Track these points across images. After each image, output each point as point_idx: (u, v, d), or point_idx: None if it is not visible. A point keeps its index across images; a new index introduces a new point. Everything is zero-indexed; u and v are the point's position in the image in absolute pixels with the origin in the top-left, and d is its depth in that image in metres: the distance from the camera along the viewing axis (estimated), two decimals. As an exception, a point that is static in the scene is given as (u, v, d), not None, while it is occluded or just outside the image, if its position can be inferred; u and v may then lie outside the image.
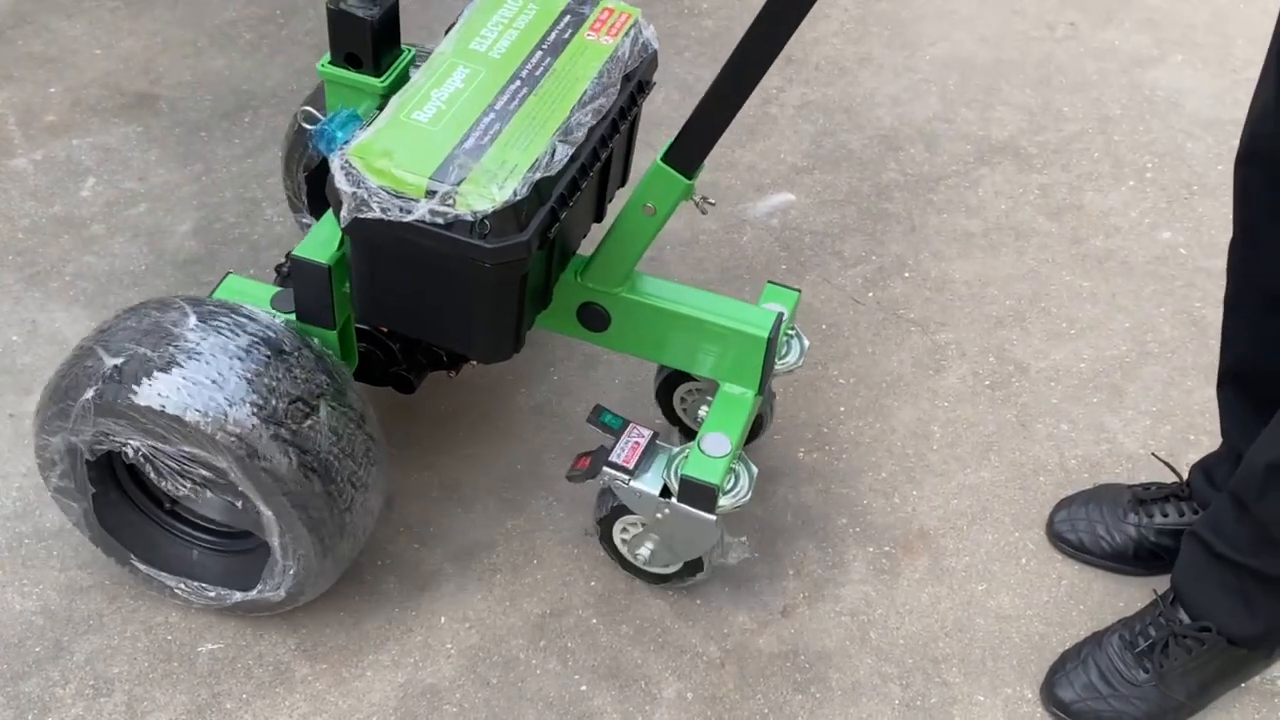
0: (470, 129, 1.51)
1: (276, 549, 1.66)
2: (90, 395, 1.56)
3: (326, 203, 2.07)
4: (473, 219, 1.43)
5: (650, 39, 1.68)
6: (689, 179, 1.60)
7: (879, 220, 2.52)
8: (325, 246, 1.63)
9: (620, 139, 1.66)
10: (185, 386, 1.53)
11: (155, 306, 1.64)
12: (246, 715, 1.76)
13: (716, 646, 1.87)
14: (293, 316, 1.70)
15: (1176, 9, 3.08)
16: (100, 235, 2.37)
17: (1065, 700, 1.77)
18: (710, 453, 1.71)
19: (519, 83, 1.58)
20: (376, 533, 1.96)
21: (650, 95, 1.72)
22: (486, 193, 1.43)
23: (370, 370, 1.90)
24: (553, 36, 1.64)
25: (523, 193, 1.44)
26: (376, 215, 1.44)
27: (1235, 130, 2.73)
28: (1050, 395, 2.22)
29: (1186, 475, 1.95)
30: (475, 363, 1.92)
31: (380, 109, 1.57)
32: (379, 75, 1.60)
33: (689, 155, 1.58)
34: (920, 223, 2.52)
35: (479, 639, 1.86)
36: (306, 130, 1.59)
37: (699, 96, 1.55)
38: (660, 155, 1.60)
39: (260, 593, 1.74)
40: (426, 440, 2.10)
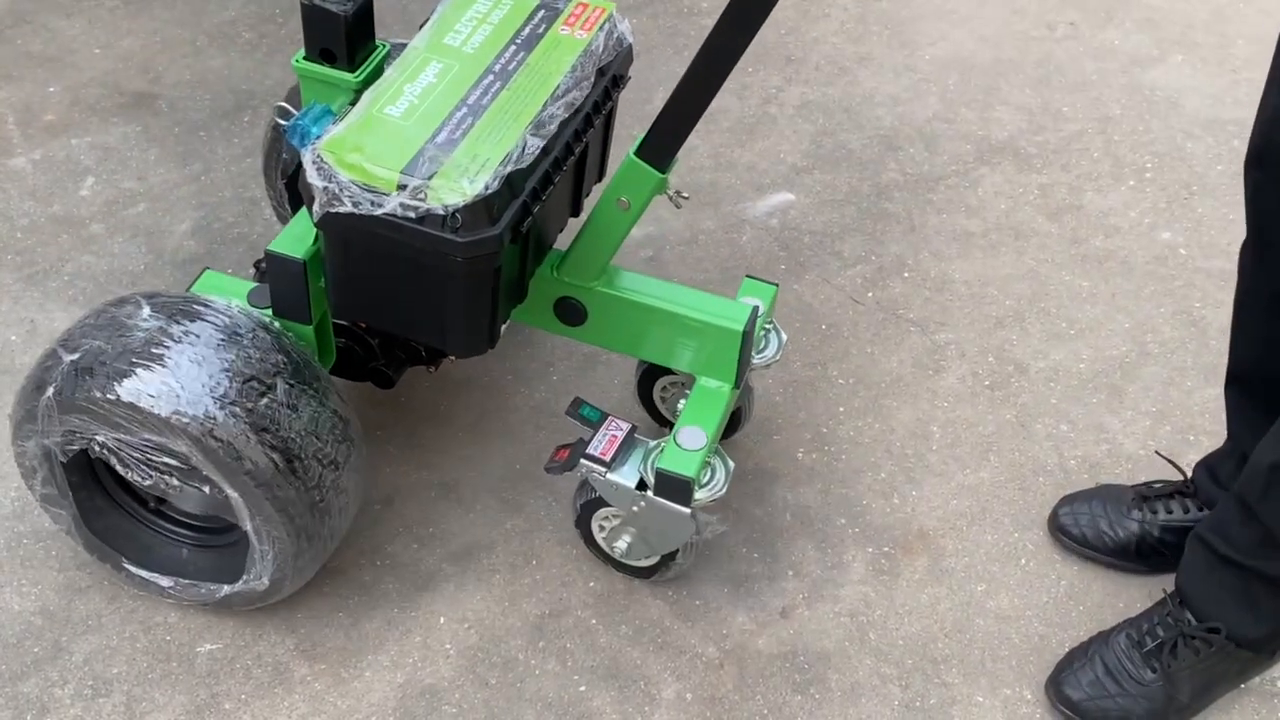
0: (442, 123, 1.51)
1: (252, 534, 1.67)
2: (51, 393, 1.58)
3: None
4: (444, 213, 1.43)
5: (625, 33, 1.68)
6: (662, 173, 1.60)
7: (878, 220, 2.52)
8: (300, 241, 1.63)
9: (595, 133, 1.66)
10: (139, 374, 1.55)
11: (113, 303, 1.66)
12: (245, 716, 1.76)
13: (716, 647, 1.87)
14: (269, 312, 1.70)
15: (1176, 9, 3.08)
16: (99, 235, 2.37)
17: (1073, 699, 1.77)
18: (686, 446, 1.71)
19: (492, 77, 1.58)
20: (374, 533, 1.97)
21: (650, 95, 1.73)
22: (457, 187, 1.44)
23: (349, 366, 1.90)
24: (526, 31, 1.64)
25: (494, 186, 1.45)
26: (348, 209, 1.45)
27: (1235, 130, 2.75)
28: (1050, 395, 2.22)
29: (1190, 474, 1.95)
30: (454, 358, 1.93)
31: (354, 104, 1.57)
32: (353, 70, 1.60)
33: (661, 149, 1.59)
34: (920, 223, 2.52)
35: (478, 639, 1.86)
36: (281, 131, 1.60)
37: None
38: (633, 150, 1.60)
39: (246, 583, 1.75)
40: (425, 440, 2.10)
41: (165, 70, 2.72)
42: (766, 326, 1.90)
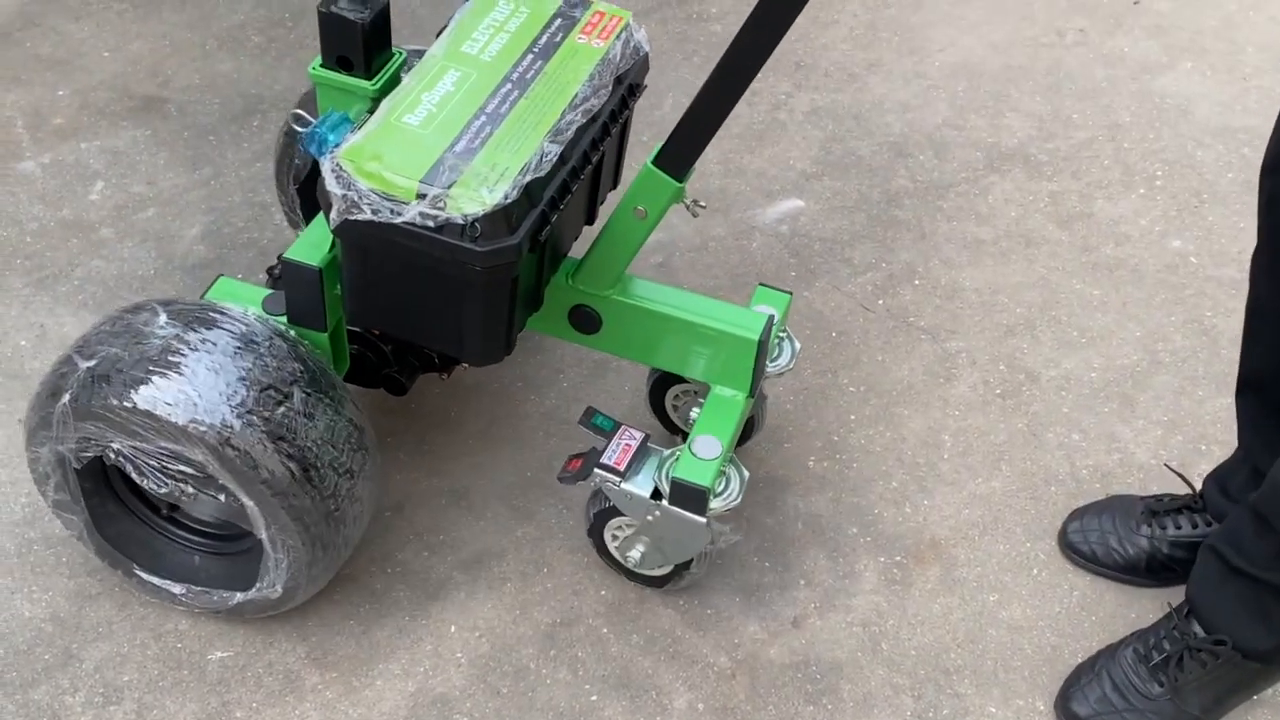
0: (461, 132, 1.51)
1: (266, 542, 1.66)
2: (66, 400, 1.58)
3: (319, 209, 2.08)
4: (463, 222, 1.43)
5: (641, 42, 1.68)
6: (680, 182, 1.60)
7: (889, 227, 2.51)
8: (317, 249, 1.63)
9: (611, 142, 1.66)
10: (156, 381, 1.54)
11: (129, 309, 1.65)
12: (256, 724, 1.76)
13: (727, 657, 1.86)
14: (284, 318, 1.70)
15: (1185, 16, 3.08)
16: (109, 239, 2.37)
17: (1081, 715, 1.76)
18: (701, 455, 1.71)
19: (510, 86, 1.58)
20: (385, 541, 1.96)
21: (659, 101, 1.72)
22: (477, 196, 1.43)
23: (362, 372, 1.90)
24: (544, 39, 1.64)
25: (513, 195, 1.44)
26: (367, 217, 1.44)
27: (1245, 138, 2.75)
28: (1061, 404, 2.21)
29: (1199, 486, 1.95)
30: (467, 365, 1.92)
31: (371, 112, 1.57)
32: (370, 78, 1.60)
33: (679, 158, 1.58)
34: (930, 230, 2.51)
35: (489, 648, 1.86)
36: (294, 137, 1.59)
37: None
38: (650, 158, 1.60)
39: (259, 590, 1.74)
40: (435, 447, 2.09)
41: (174, 74, 2.71)
42: (780, 334, 1.90)
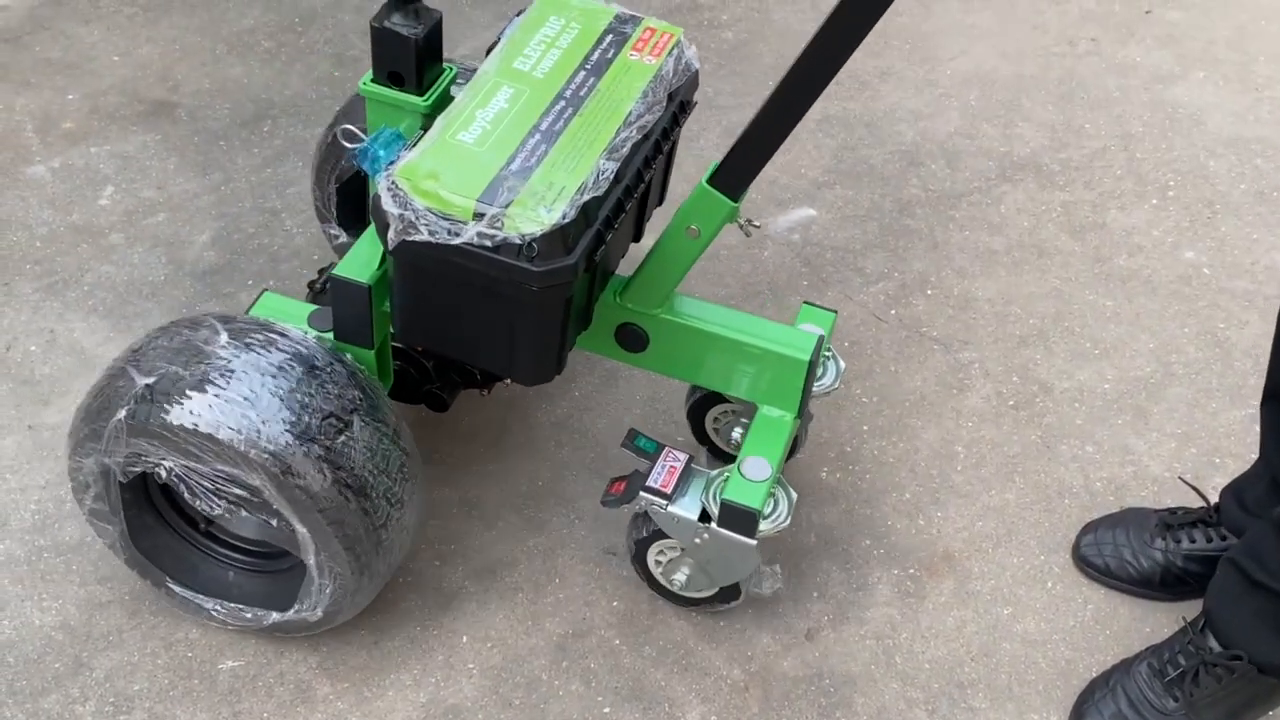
0: (516, 150, 1.50)
1: (313, 567, 1.65)
2: (123, 415, 1.55)
3: (357, 214, 2.06)
4: (520, 241, 1.41)
5: (692, 59, 1.67)
6: (734, 202, 1.57)
7: (901, 236, 2.51)
8: (366, 266, 1.61)
9: (661, 159, 1.64)
10: (218, 404, 1.52)
11: (186, 325, 1.63)
12: (267, 734, 1.75)
13: (740, 669, 1.85)
14: (330, 335, 1.68)
15: (1197, 26, 3.07)
16: (119, 244, 2.36)
17: (1096, 731, 1.76)
18: (751, 477, 1.69)
19: (563, 103, 1.56)
20: (398, 550, 1.95)
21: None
22: (534, 215, 1.42)
23: (404, 388, 1.89)
24: (596, 56, 1.63)
25: (571, 215, 1.43)
26: (424, 238, 1.43)
27: (1258, 149, 2.74)
28: (1075, 416, 2.20)
29: (1214, 499, 1.94)
30: (508, 381, 1.91)
31: (423, 128, 1.55)
32: (421, 94, 1.58)
33: (736, 178, 1.56)
34: (942, 239, 2.51)
35: (501, 659, 1.85)
36: (346, 146, 1.58)
37: (719, 109, 1.54)
38: (705, 177, 1.58)
39: (298, 613, 1.73)
40: (447, 456, 2.08)
41: (184, 78, 2.70)
42: (825, 353, 1.88)
